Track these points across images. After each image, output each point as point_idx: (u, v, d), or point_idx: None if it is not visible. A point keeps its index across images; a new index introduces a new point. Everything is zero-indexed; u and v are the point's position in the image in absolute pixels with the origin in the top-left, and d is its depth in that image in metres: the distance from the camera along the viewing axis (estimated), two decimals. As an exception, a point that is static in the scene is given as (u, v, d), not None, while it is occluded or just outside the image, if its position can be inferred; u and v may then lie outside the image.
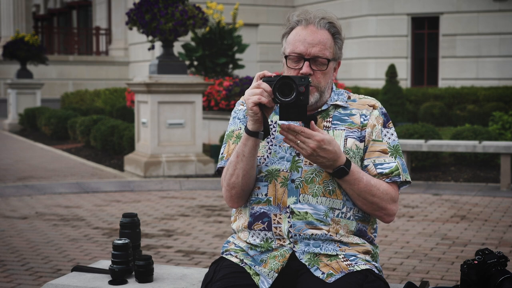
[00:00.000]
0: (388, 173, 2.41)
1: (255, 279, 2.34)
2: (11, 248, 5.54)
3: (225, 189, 2.47)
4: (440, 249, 5.47)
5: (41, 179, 9.43)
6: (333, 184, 2.37)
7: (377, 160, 2.42)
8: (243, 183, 2.40)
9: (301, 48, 2.39)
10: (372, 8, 18.00)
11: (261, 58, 20.88)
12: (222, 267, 2.41)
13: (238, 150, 2.37)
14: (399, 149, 2.47)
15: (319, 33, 2.40)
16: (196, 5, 9.97)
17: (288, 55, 2.43)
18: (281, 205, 2.37)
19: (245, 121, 2.49)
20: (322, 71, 2.40)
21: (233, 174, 2.40)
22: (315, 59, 2.39)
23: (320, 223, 2.35)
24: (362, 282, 2.27)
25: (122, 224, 2.74)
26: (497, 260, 2.25)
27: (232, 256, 2.45)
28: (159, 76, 9.62)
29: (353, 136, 2.42)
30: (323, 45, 2.39)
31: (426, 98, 15.42)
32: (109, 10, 26.07)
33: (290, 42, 2.44)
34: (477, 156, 9.60)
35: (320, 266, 2.32)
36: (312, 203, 2.35)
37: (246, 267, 2.38)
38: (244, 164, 2.37)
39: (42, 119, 15.41)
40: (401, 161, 2.44)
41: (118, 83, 23.13)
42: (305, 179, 2.36)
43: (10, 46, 17.85)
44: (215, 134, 12.47)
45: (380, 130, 2.45)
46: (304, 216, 2.35)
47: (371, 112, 2.46)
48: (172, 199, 7.95)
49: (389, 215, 2.43)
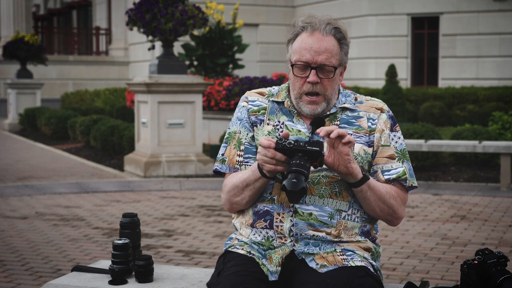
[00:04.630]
0: (396, 178, 2.42)
1: (263, 268, 2.36)
2: (11, 248, 5.54)
3: (226, 200, 2.49)
4: (440, 249, 5.47)
5: (41, 179, 9.43)
6: (339, 186, 2.37)
7: (385, 166, 2.43)
8: (247, 204, 2.44)
9: (308, 57, 2.38)
10: (372, 8, 18.00)
11: (261, 58, 20.88)
12: (231, 258, 2.43)
13: (248, 181, 2.38)
14: (406, 153, 2.47)
15: (325, 41, 2.39)
16: (196, 5, 9.98)
17: (294, 64, 2.41)
18: (284, 204, 2.38)
19: (247, 122, 2.49)
20: (329, 79, 2.40)
21: (237, 195, 2.43)
22: (322, 67, 2.38)
23: (323, 225, 2.36)
24: (353, 277, 2.28)
25: (122, 224, 2.74)
26: (497, 260, 2.25)
27: (239, 249, 2.46)
28: (159, 76, 9.62)
29: (361, 142, 2.42)
30: (329, 52, 2.38)
31: (426, 98, 15.42)
32: (109, 10, 26.06)
33: (296, 50, 2.41)
34: (477, 156, 9.60)
35: (316, 258, 2.35)
36: (318, 204, 2.36)
37: (255, 257, 2.40)
38: (252, 193, 2.40)
39: (42, 119, 15.41)
40: (408, 165, 2.45)
41: (118, 83, 23.13)
42: (312, 180, 2.36)
43: (10, 46, 17.85)
44: (215, 134, 12.47)
45: (388, 134, 2.45)
46: (307, 217, 2.35)
47: (379, 115, 2.46)
48: (172, 199, 7.95)
49: (398, 219, 2.46)
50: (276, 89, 2.54)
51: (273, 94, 2.52)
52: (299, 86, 2.41)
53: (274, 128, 2.45)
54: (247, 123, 2.49)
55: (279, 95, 2.51)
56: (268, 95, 2.52)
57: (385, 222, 2.48)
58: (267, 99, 2.51)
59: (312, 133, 2.42)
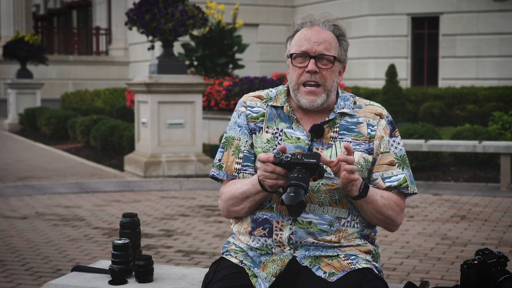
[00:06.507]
0: (397, 185, 2.41)
1: (252, 280, 2.33)
2: (11, 248, 5.54)
3: (224, 208, 2.47)
4: (440, 249, 5.47)
5: (41, 179, 9.43)
6: (339, 194, 2.36)
7: (385, 173, 2.41)
8: (246, 213, 2.43)
9: (307, 46, 2.36)
10: (372, 8, 18.00)
11: (261, 58, 20.88)
12: (222, 267, 2.41)
13: (248, 193, 2.35)
14: (406, 159, 2.46)
15: (324, 33, 2.38)
16: (196, 5, 9.97)
17: (293, 53, 2.39)
18: (283, 212, 2.35)
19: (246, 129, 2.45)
20: (328, 69, 2.37)
21: (236, 205, 2.41)
22: (321, 56, 2.36)
23: (323, 233, 2.34)
24: (361, 280, 2.27)
25: (122, 224, 2.74)
26: (497, 260, 2.25)
27: (232, 257, 2.44)
28: (159, 76, 9.62)
29: (360, 149, 2.39)
30: (328, 43, 2.37)
31: (426, 98, 15.42)
32: (109, 10, 26.06)
33: (295, 43, 2.40)
34: (477, 156, 9.60)
35: (322, 266, 2.32)
36: (318, 212, 2.34)
37: (245, 267, 2.38)
38: (251, 204, 2.38)
39: (42, 119, 15.41)
40: (408, 172, 2.44)
41: (118, 83, 23.13)
42: (311, 188, 2.34)
43: (10, 46, 17.85)
44: (215, 134, 12.47)
45: (387, 141, 2.43)
46: (306, 225, 2.34)
47: (378, 122, 2.43)
48: (172, 199, 7.94)
49: (397, 226, 2.46)
50: (274, 92, 2.50)
51: (271, 97, 2.48)
52: (297, 76, 2.37)
53: (273, 136, 2.41)
54: (246, 130, 2.45)
55: (278, 99, 2.46)
56: (266, 99, 2.48)
57: (385, 229, 2.48)
58: (265, 103, 2.47)
59: (311, 141, 2.38)
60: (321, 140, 2.39)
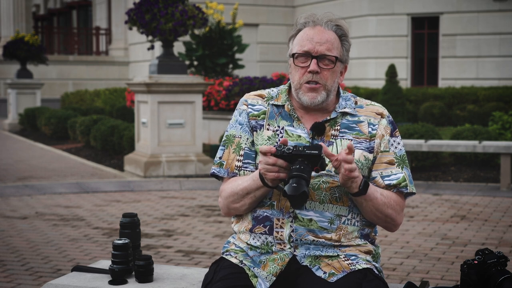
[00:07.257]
0: (396, 184, 2.42)
1: (253, 280, 2.34)
2: (11, 248, 5.54)
3: (224, 206, 2.47)
4: (440, 249, 5.47)
5: (41, 179, 9.43)
6: (339, 191, 2.36)
7: (384, 172, 2.42)
8: (246, 210, 2.43)
9: (309, 46, 2.38)
10: (372, 8, 18.00)
11: (261, 58, 20.88)
12: (222, 267, 2.41)
13: (248, 189, 2.36)
14: (405, 159, 2.47)
15: (327, 33, 2.40)
16: (196, 5, 9.98)
17: (295, 53, 2.40)
18: (284, 209, 2.36)
19: (247, 127, 2.46)
20: (330, 69, 2.39)
21: (236, 202, 2.41)
22: (323, 57, 2.38)
23: (323, 231, 2.35)
24: (362, 280, 2.28)
25: (122, 224, 2.74)
26: (497, 260, 2.25)
27: (232, 257, 2.44)
28: (159, 76, 9.62)
29: (361, 147, 2.41)
30: (330, 44, 2.39)
31: (426, 98, 15.42)
32: (109, 10, 26.07)
33: (297, 42, 2.42)
34: (477, 156, 9.60)
35: (322, 266, 2.33)
36: (318, 210, 2.35)
37: (245, 267, 2.38)
38: (252, 201, 2.38)
39: (42, 119, 15.41)
40: (407, 171, 2.45)
41: (118, 83, 23.13)
42: (312, 186, 2.35)
43: (10, 46, 17.85)
44: (215, 134, 12.47)
45: (387, 140, 2.45)
46: (307, 223, 2.34)
47: (379, 121, 2.45)
48: (172, 199, 7.95)
49: (396, 226, 2.46)
50: (275, 91, 2.52)
51: (272, 97, 2.50)
52: (300, 76, 2.40)
53: (274, 133, 2.43)
54: (247, 127, 2.47)
55: (279, 98, 2.48)
56: (267, 98, 2.50)
57: (384, 228, 2.48)
58: (266, 102, 2.49)
59: (312, 139, 2.40)
60: (322, 138, 2.40)
